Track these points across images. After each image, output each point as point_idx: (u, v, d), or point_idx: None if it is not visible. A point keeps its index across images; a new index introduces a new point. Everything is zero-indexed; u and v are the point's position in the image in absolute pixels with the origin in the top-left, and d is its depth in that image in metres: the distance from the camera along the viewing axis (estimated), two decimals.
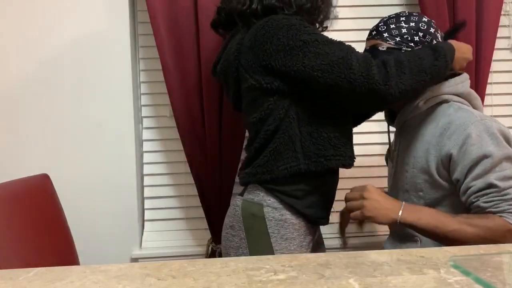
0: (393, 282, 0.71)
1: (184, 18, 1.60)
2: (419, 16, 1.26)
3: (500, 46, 1.79)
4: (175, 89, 1.62)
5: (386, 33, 1.24)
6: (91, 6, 1.68)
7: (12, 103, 1.68)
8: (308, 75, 1.08)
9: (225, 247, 1.24)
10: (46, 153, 1.69)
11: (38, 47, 1.68)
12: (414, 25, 1.22)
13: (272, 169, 1.15)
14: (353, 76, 1.05)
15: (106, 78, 1.69)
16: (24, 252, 1.27)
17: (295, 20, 1.11)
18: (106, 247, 1.71)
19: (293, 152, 1.14)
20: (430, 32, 1.23)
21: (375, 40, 1.25)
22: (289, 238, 1.16)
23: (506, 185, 1.09)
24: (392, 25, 1.24)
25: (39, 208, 1.40)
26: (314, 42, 1.08)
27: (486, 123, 1.13)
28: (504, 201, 1.08)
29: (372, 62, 1.06)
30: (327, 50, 1.07)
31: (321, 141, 1.14)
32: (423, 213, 1.13)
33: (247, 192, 1.21)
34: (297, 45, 1.08)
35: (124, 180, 1.72)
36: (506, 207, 1.08)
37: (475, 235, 1.07)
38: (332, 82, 1.07)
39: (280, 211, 1.16)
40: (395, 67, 1.06)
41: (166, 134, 1.80)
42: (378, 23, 1.28)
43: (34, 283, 0.75)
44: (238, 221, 1.19)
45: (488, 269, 0.75)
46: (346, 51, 1.08)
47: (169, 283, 0.73)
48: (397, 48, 1.21)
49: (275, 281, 0.72)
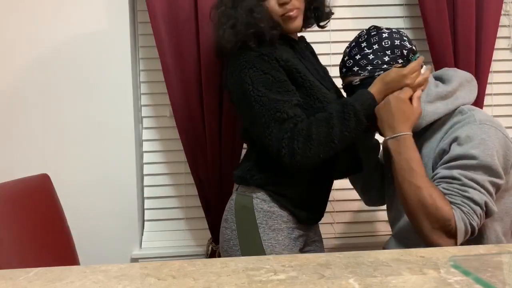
0: (393, 282, 0.71)
1: (184, 18, 1.60)
2: (378, 33, 1.23)
3: (500, 46, 1.79)
4: (175, 89, 1.62)
5: (356, 67, 1.22)
6: (91, 6, 1.68)
7: (12, 103, 1.68)
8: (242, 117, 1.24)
9: (221, 241, 1.28)
10: (46, 153, 1.69)
11: (38, 47, 1.68)
12: (378, 46, 1.20)
13: (253, 175, 1.23)
14: (267, 142, 1.12)
15: (106, 78, 1.69)
16: (24, 252, 1.27)
17: (246, 63, 1.15)
18: (106, 247, 1.71)
19: (271, 162, 1.17)
20: (396, 45, 1.21)
21: (348, 77, 1.25)
22: (276, 229, 1.20)
23: (469, 184, 1.07)
24: (357, 55, 1.22)
25: (39, 208, 1.40)
26: (250, 92, 1.13)
27: (483, 128, 1.10)
28: (462, 196, 1.06)
29: (283, 137, 1.09)
30: (257, 107, 1.12)
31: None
32: (408, 152, 1.12)
33: (241, 185, 1.27)
34: (239, 91, 1.16)
35: (124, 180, 1.72)
36: (460, 202, 1.06)
37: (422, 202, 1.06)
38: (256, 132, 1.16)
39: (269, 203, 1.21)
40: (303, 142, 1.08)
41: (166, 134, 1.80)
42: (343, 58, 1.27)
43: (34, 283, 0.75)
44: (232, 214, 1.24)
45: (488, 269, 0.75)
46: (270, 116, 1.11)
47: (169, 283, 0.73)
48: (370, 76, 1.20)
49: (275, 281, 0.72)
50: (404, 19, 1.82)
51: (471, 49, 1.65)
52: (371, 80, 1.19)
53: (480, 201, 1.06)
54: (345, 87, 1.28)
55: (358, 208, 1.83)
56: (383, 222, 1.82)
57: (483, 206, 1.06)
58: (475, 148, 1.08)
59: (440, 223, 1.05)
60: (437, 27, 1.64)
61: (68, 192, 1.61)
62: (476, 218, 1.06)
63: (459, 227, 1.04)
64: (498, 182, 1.08)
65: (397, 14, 1.81)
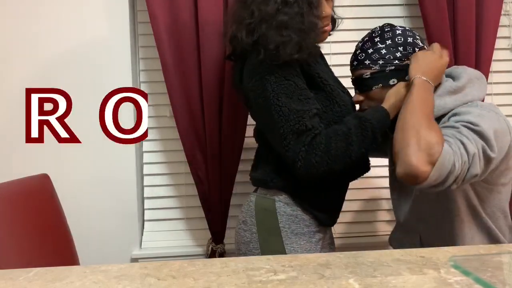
0: (393, 282, 0.71)
1: (184, 18, 1.60)
2: (392, 29, 1.24)
3: (500, 46, 1.79)
4: (175, 89, 1.62)
5: (367, 60, 1.22)
6: (91, 6, 1.68)
7: (13, 103, 1.68)
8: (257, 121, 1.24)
9: (237, 242, 1.26)
10: (46, 153, 1.69)
11: (38, 47, 1.68)
12: (391, 42, 1.21)
13: (273, 178, 1.21)
14: (283, 152, 1.11)
15: (106, 78, 1.69)
16: (24, 252, 1.27)
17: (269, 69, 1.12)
18: (106, 247, 1.71)
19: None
20: (408, 42, 1.21)
21: (359, 70, 1.25)
22: (299, 233, 1.19)
23: (466, 134, 1.05)
24: (370, 49, 1.22)
25: (39, 208, 1.40)
26: (271, 100, 1.10)
27: (483, 110, 1.11)
28: (456, 139, 1.04)
29: (300, 149, 1.08)
30: (276, 117, 1.10)
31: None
32: (419, 94, 1.11)
33: (260, 187, 1.25)
34: (260, 97, 1.13)
35: (124, 180, 1.72)
36: (452, 142, 1.03)
37: (418, 122, 1.04)
38: (273, 140, 1.15)
39: (292, 206, 1.19)
40: (320, 155, 1.08)
41: (166, 134, 1.80)
42: (355, 51, 1.27)
43: (34, 283, 0.75)
44: (251, 216, 1.22)
45: (488, 269, 0.75)
46: (289, 127, 1.09)
47: (169, 283, 0.73)
48: (381, 70, 1.20)
49: (275, 281, 0.72)
50: (404, 19, 1.82)
51: (471, 49, 1.66)
52: (381, 75, 1.20)
53: (470, 151, 1.03)
54: (354, 80, 1.28)
55: (358, 208, 1.83)
56: (383, 222, 1.82)
57: (471, 156, 1.03)
58: (474, 118, 1.07)
59: (427, 144, 1.00)
60: (437, 27, 1.64)
61: (68, 192, 1.61)
62: (460, 162, 1.02)
63: (442, 157, 1.00)
64: (490, 154, 1.05)
65: (397, 14, 1.81)
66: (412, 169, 1.00)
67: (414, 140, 1.02)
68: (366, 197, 1.83)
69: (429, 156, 1.00)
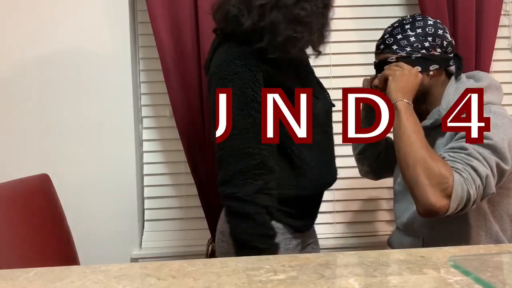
0: (393, 282, 0.71)
1: (184, 18, 1.60)
2: (424, 19, 1.24)
3: (500, 46, 1.79)
4: (175, 89, 1.62)
5: (395, 45, 1.23)
6: (91, 6, 1.68)
7: (13, 103, 1.68)
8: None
9: (218, 252, 1.22)
10: (46, 153, 1.68)
11: (37, 46, 1.68)
12: (421, 31, 1.22)
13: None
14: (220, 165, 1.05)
15: (106, 78, 1.69)
16: (24, 252, 1.27)
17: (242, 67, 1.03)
18: (106, 247, 1.71)
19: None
20: (438, 34, 1.22)
21: (385, 54, 1.25)
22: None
23: (475, 155, 1.05)
24: (399, 35, 1.23)
25: (39, 208, 1.39)
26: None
27: (497, 117, 1.11)
28: (465, 164, 1.05)
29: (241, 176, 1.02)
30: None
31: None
32: (410, 120, 1.12)
33: None
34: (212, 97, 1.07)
35: (124, 180, 1.72)
36: (461, 169, 1.04)
37: (423, 157, 1.06)
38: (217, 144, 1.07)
39: None
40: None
41: (166, 134, 1.80)
42: (383, 35, 1.27)
43: (34, 283, 0.75)
44: (227, 227, 1.13)
45: (488, 269, 0.75)
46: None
47: (169, 283, 0.73)
48: (408, 56, 1.21)
49: (275, 281, 0.72)
50: None
51: (471, 49, 1.66)
52: (407, 60, 1.20)
53: (482, 173, 1.04)
54: (378, 63, 1.27)
55: (358, 208, 1.83)
56: (383, 222, 1.82)
57: (483, 179, 1.05)
58: (489, 132, 1.08)
59: (437, 179, 1.03)
60: None
61: (68, 192, 1.61)
62: (474, 188, 1.04)
63: (456, 188, 1.02)
64: (504, 167, 1.07)
65: (397, 14, 1.81)
66: (432, 208, 1.04)
67: (424, 176, 1.04)
68: (366, 197, 1.83)
69: (443, 191, 1.03)
